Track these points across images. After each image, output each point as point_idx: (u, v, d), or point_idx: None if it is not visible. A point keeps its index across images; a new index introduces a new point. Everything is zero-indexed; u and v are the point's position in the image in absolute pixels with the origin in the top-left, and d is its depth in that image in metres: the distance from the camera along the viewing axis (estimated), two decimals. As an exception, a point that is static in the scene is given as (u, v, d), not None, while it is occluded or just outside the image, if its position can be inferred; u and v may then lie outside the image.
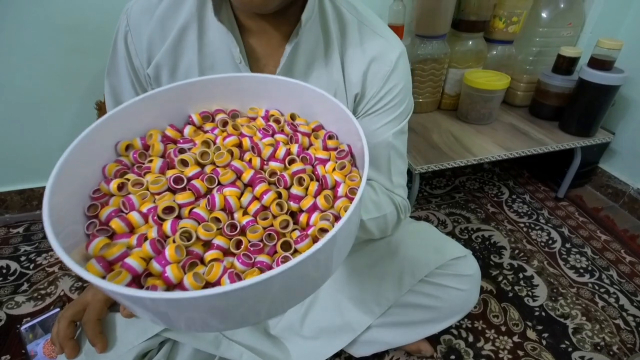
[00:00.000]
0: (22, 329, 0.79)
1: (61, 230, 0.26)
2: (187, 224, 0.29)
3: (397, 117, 0.51)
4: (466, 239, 1.10)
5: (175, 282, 0.26)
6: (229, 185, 0.32)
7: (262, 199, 0.32)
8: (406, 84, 0.51)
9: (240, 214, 0.32)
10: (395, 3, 1.01)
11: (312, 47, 0.47)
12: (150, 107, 0.36)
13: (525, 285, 0.95)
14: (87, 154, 0.31)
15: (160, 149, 0.35)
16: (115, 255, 0.27)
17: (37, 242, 1.04)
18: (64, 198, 0.28)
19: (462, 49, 1.10)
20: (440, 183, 1.35)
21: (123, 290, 0.21)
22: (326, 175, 0.34)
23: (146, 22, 0.46)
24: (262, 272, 0.23)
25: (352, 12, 0.49)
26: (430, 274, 0.63)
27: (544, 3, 1.09)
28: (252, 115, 0.41)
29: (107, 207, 0.30)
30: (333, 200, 0.33)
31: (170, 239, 0.29)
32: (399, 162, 0.54)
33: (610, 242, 1.10)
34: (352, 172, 0.35)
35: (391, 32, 0.50)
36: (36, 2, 0.86)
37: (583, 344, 0.82)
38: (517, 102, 1.23)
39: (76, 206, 0.30)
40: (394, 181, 0.54)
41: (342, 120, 0.36)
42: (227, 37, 0.44)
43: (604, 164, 1.29)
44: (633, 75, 1.08)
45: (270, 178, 0.34)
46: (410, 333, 0.67)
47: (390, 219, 0.55)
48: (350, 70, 0.49)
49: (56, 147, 0.97)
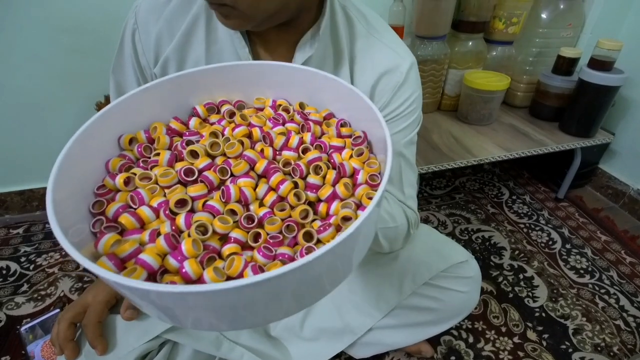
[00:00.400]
0: (22, 330, 0.79)
1: (67, 230, 0.24)
2: (202, 217, 0.28)
3: (407, 127, 0.50)
4: (466, 240, 1.09)
5: (194, 278, 0.25)
6: (243, 176, 0.31)
7: (279, 189, 0.31)
8: (417, 95, 0.50)
9: (257, 206, 0.31)
10: (395, 4, 1.01)
11: (322, 57, 0.46)
12: (151, 99, 0.35)
13: (525, 286, 0.95)
14: (88, 148, 0.30)
15: (166, 141, 0.33)
16: (128, 252, 0.25)
17: (37, 243, 1.04)
18: (67, 195, 0.26)
19: (462, 50, 1.10)
20: (440, 184, 1.35)
21: (145, 285, 0.19)
22: (344, 163, 0.33)
23: (154, 21, 0.45)
24: (285, 264, 0.21)
25: (362, 23, 0.48)
26: (430, 277, 0.63)
27: (544, 4, 1.09)
28: (258, 105, 0.39)
29: (114, 203, 0.29)
30: (353, 189, 0.31)
31: (185, 233, 0.28)
32: (409, 173, 0.53)
33: (610, 242, 1.10)
34: (370, 159, 0.34)
35: (401, 42, 0.50)
36: (36, 3, 0.86)
37: (583, 344, 0.82)
38: (517, 103, 1.23)
39: (80, 204, 0.28)
40: (405, 192, 0.53)
41: (354, 107, 0.35)
42: (235, 37, 0.44)
43: (604, 164, 1.29)
44: (633, 76, 1.08)
45: (285, 168, 0.32)
46: (411, 335, 0.67)
47: (401, 231, 0.54)
48: (359, 82, 0.48)
49: (56, 148, 0.96)
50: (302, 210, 0.30)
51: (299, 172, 0.32)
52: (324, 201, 0.31)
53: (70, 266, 0.97)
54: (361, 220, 0.23)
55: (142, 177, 0.30)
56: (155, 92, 0.35)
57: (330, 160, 0.34)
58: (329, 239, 0.28)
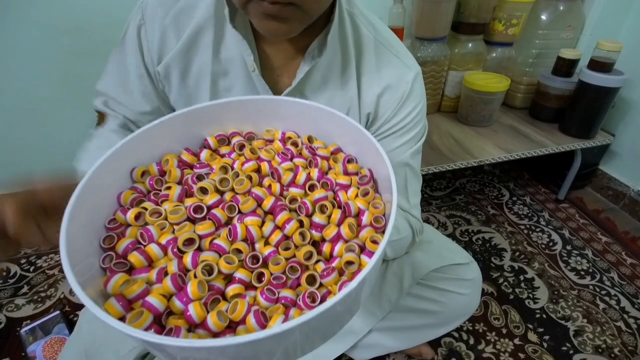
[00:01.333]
0: (22, 332, 0.79)
1: (77, 263, 0.25)
2: (208, 257, 0.28)
3: (413, 138, 0.50)
4: (467, 241, 1.09)
5: (198, 322, 0.25)
6: (250, 214, 0.31)
7: (285, 228, 0.31)
8: (422, 106, 0.50)
9: (262, 244, 0.31)
10: (395, 5, 1.01)
11: (329, 63, 0.46)
12: (164, 132, 0.35)
13: (526, 287, 0.95)
14: (102, 182, 0.30)
15: (177, 175, 0.34)
16: (136, 293, 0.26)
17: (37, 245, 1.04)
18: (79, 228, 0.27)
19: (462, 52, 1.10)
20: (440, 185, 1.35)
21: (150, 337, 0.20)
22: (349, 203, 0.33)
23: (161, 17, 0.44)
24: (287, 308, 0.22)
25: (370, 29, 0.48)
26: (431, 278, 0.63)
27: (544, 5, 1.09)
28: (268, 137, 0.40)
29: (124, 239, 0.29)
30: (357, 229, 0.32)
31: (191, 273, 0.28)
32: (414, 182, 0.53)
33: (611, 244, 1.10)
34: (375, 199, 0.34)
35: (407, 51, 0.50)
36: (37, 5, 0.86)
37: (584, 346, 0.82)
38: (517, 104, 1.23)
39: (91, 237, 0.29)
40: (410, 202, 0.54)
41: (361, 142, 0.35)
42: (242, 44, 0.43)
43: (604, 165, 1.29)
44: (633, 77, 1.08)
45: (291, 205, 0.33)
46: (412, 338, 0.67)
47: (406, 241, 0.54)
48: (365, 90, 0.48)
49: (57, 150, 0.97)
50: (307, 252, 0.31)
51: (304, 210, 0.33)
52: (329, 241, 0.32)
53: (71, 268, 0.97)
54: (364, 274, 0.24)
55: (152, 213, 0.31)
56: (169, 126, 0.35)
57: (336, 198, 0.35)
58: (332, 283, 0.29)
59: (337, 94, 0.47)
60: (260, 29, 0.37)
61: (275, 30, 0.36)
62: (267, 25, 0.35)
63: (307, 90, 0.47)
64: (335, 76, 0.47)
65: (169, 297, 0.27)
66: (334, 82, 0.47)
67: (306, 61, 0.44)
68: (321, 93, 0.47)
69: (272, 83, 0.46)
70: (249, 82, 0.46)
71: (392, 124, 0.49)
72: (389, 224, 0.27)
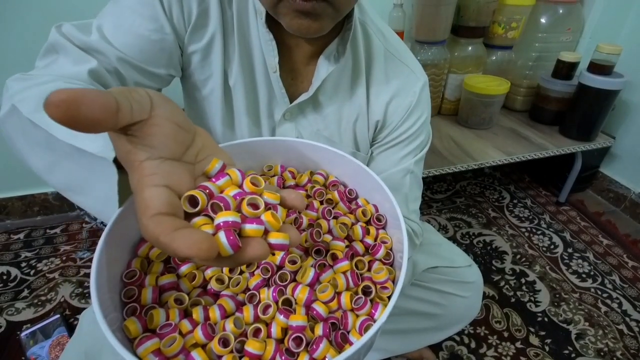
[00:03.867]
0: (22, 336, 0.79)
1: (108, 314, 0.24)
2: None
3: (419, 146, 0.51)
4: (467, 244, 1.09)
5: None
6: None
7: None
8: (427, 115, 0.51)
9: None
10: (395, 9, 1.02)
11: (341, 70, 0.46)
12: None
13: (527, 290, 0.95)
14: (119, 234, 0.29)
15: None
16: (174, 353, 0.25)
17: (37, 249, 1.04)
18: (104, 282, 0.26)
19: (462, 55, 1.10)
20: (441, 188, 1.35)
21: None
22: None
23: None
24: None
25: (380, 39, 0.48)
26: (432, 280, 0.62)
27: (543, 8, 1.10)
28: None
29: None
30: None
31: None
32: (415, 188, 0.54)
33: (612, 246, 1.10)
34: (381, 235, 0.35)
35: (415, 59, 0.50)
36: (37, 5, 0.87)
37: (586, 349, 0.81)
38: (517, 107, 1.24)
39: (113, 291, 0.28)
40: (409, 207, 0.54)
41: (363, 180, 0.37)
42: (269, 44, 0.42)
43: (605, 168, 1.29)
44: (632, 80, 1.08)
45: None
46: (413, 341, 0.67)
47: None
48: (374, 98, 0.48)
49: (57, 153, 0.96)
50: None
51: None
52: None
53: (71, 271, 0.97)
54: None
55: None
56: None
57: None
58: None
59: (347, 100, 0.48)
60: (291, 27, 0.37)
61: (307, 27, 0.36)
62: (300, 23, 0.35)
63: (322, 97, 0.47)
64: (345, 83, 0.47)
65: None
66: (345, 89, 0.48)
67: (322, 66, 0.44)
68: (334, 99, 0.48)
69: (286, 86, 0.46)
70: (265, 82, 0.46)
71: (399, 132, 0.49)
72: (396, 291, 0.28)
